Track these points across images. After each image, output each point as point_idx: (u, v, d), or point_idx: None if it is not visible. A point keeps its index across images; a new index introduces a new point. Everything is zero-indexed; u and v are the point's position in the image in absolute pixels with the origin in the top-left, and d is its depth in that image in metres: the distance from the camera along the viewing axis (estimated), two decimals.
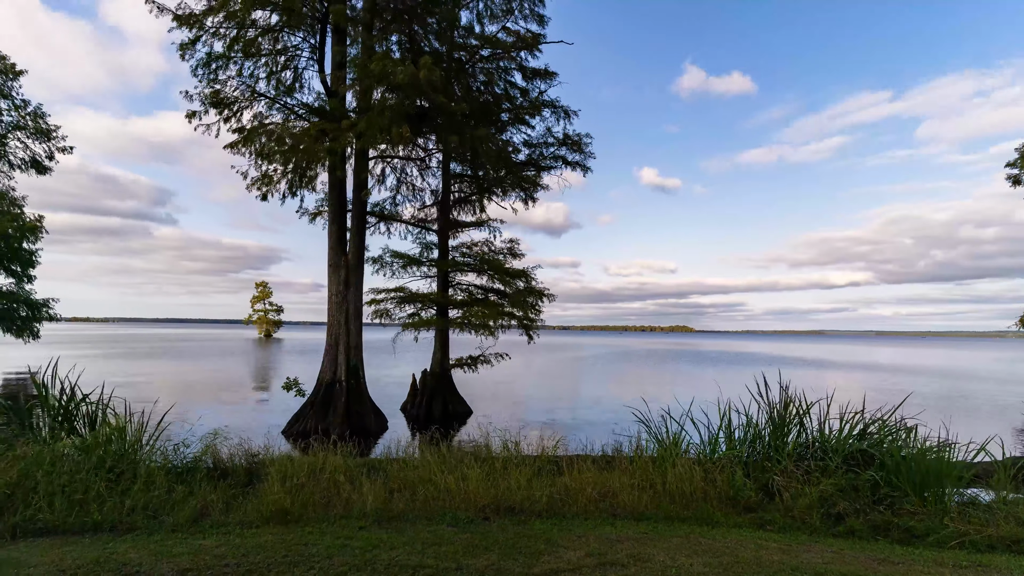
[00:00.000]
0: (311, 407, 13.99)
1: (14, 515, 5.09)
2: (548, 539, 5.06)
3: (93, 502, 5.44)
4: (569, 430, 14.18)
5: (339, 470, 6.76)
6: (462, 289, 18.24)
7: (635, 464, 7.16)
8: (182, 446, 7.16)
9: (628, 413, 9.43)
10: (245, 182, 13.99)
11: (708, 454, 7.57)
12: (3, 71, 33.24)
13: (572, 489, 6.40)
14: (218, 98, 12.92)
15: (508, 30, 14.86)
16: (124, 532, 5.09)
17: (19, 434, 7.17)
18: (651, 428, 8.33)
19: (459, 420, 16.30)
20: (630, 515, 6.02)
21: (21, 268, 34.07)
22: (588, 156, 17.27)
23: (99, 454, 6.21)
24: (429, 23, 12.66)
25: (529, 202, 17.73)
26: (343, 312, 14.24)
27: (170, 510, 5.57)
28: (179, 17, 12.19)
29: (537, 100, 16.04)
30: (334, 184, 14.23)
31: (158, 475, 6.15)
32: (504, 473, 6.73)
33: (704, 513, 6.07)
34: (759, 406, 7.82)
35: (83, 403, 7.81)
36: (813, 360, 53.55)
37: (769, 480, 6.75)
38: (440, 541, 4.92)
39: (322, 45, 13.29)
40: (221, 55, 12.89)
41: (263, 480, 6.47)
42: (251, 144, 12.66)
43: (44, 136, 34.72)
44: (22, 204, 34.72)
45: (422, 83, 10.08)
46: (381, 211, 18.30)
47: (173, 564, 4.18)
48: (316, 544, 4.75)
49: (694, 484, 6.49)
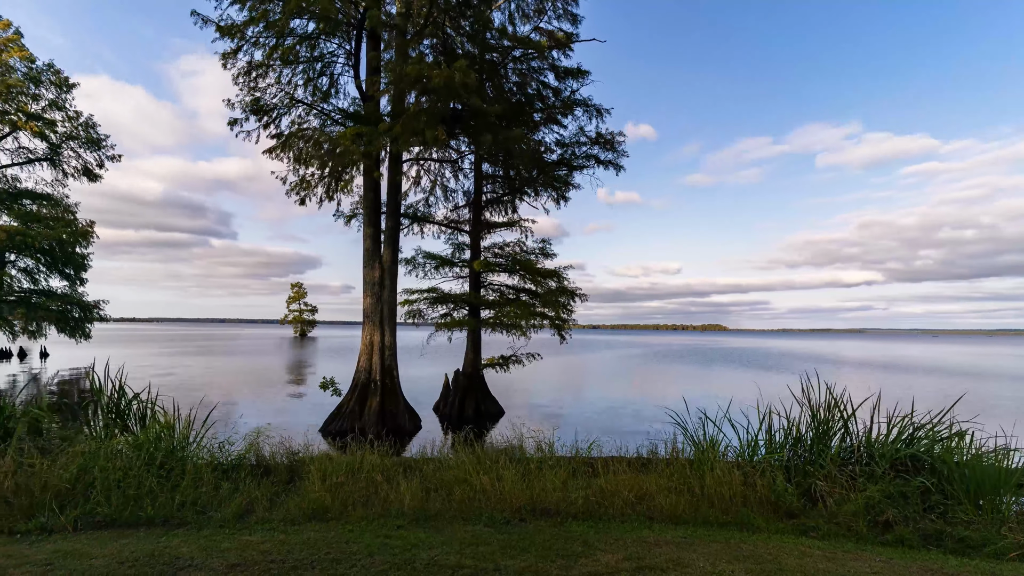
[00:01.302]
0: (347, 406, 14.27)
1: (75, 508, 5.36)
2: (585, 541, 5.04)
3: (146, 497, 5.68)
4: (605, 431, 14.08)
5: (376, 469, 6.88)
6: (494, 289, 18.32)
7: (671, 467, 7.06)
8: (227, 444, 7.41)
9: (670, 413, 9.30)
10: (284, 187, 14.43)
11: (747, 457, 7.41)
12: (57, 84, 34.96)
13: (608, 491, 6.35)
14: (258, 105, 13.36)
15: (540, 30, 14.79)
16: (175, 526, 5.30)
17: (78, 431, 7.54)
18: (687, 430, 8.22)
19: (491, 420, 16.37)
20: (667, 519, 5.95)
21: (74, 271, 35.80)
22: (621, 154, 17.08)
23: (150, 451, 6.48)
24: (462, 26, 12.75)
25: (561, 201, 17.69)
26: (378, 313, 14.48)
27: (217, 506, 5.77)
28: (222, 28, 12.63)
29: (569, 99, 15.94)
30: (369, 187, 14.50)
31: (205, 472, 6.38)
32: (539, 474, 6.73)
33: (744, 518, 5.94)
34: (801, 408, 7.61)
35: (134, 401, 8.15)
36: (855, 359, 51.81)
37: (811, 485, 6.57)
38: (477, 541, 4.96)
39: (357, 51, 13.56)
40: (261, 63, 13.31)
41: (304, 478, 6.64)
42: (289, 149, 13.04)
43: (95, 145, 36.36)
44: (75, 211, 36.42)
45: (456, 86, 10.17)
46: (414, 213, 18.53)
47: (222, 559, 4.34)
48: (357, 542, 4.85)
49: (733, 488, 6.36)
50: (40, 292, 34.88)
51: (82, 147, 35.84)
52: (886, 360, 51.97)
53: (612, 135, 16.87)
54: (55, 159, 35.67)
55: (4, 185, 35.18)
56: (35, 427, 7.09)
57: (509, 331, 16.76)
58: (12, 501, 5.35)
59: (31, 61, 33.79)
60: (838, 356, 58.87)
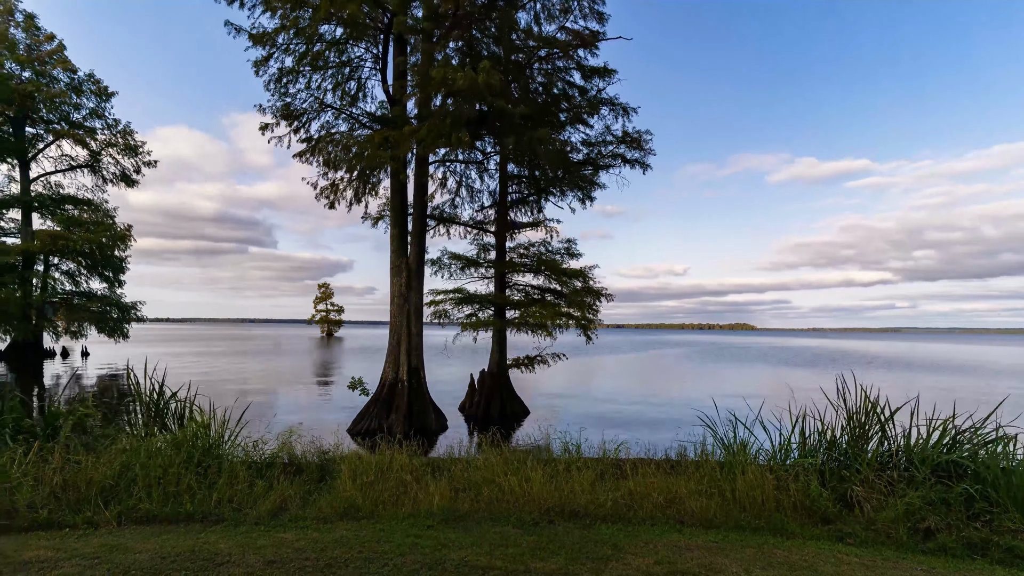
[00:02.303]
0: (374, 406, 14.46)
1: (119, 504, 5.56)
2: (615, 545, 5.01)
3: (185, 494, 5.86)
4: (635, 432, 13.98)
5: (405, 469, 6.96)
6: (519, 290, 18.34)
7: (701, 470, 6.97)
8: (260, 443, 7.59)
9: (699, 415, 9.19)
10: (314, 192, 14.75)
11: (779, 461, 7.27)
12: (97, 93, 36.27)
13: (637, 494, 6.31)
14: (288, 111, 13.70)
15: (567, 29, 14.72)
16: (213, 523, 5.45)
17: (120, 429, 7.82)
18: (716, 432, 8.10)
19: (516, 420, 16.40)
20: (698, 523, 5.87)
21: (113, 274, 37.11)
22: (648, 153, 16.89)
23: (188, 449, 6.67)
24: (487, 27, 12.81)
25: (587, 201, 17.61)
26: (404, 314, 14.63)
27: (252, 503, 5.91)
28: (253, 36, 12.98)
29: (595, 98, 15.82)
30: (396, 190, 14.69)
31: (240, 469, 6.54)
32: (567, 476, 6.72)
33: (777, 523, 5.82)
34: (836, 410, 7.43)
35: (172, 400, 8.40)
36: (902, 359, 50.21)
37: (847, 490, 6.40)
38: (507, 543, 4.98)
39: (384, 55, 13.76)
40: (291, 69, 13.65)
41: (335, 477, 6.76)
42: (318, 153, 13.33)
43: (132, 152, 37.61)
44: (113, 215, 37.72)
45: (481, 88, 10.22)
46: (440, 214, 18.67)
47: (259, 555, 4.44)
48: (388, 541, 4.91)
49: (765, 492, 6.24)
50: (81, 294, 36.32)
51: (120, 154, 37.17)
52: (933, 360, 50.25)
53: (639, 134, 16.68)
54: (95, 165, 37.06)
55: (48, 191, 36.71)
56: (80, 425, 7.37)
57: (534, 331, 16.77)
58: (60, 496, 5.58)
59: (73, 72, 35.17)
60: (888, 356, 57.06)
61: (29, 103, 32.79)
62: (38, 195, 35.35)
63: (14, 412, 7.59)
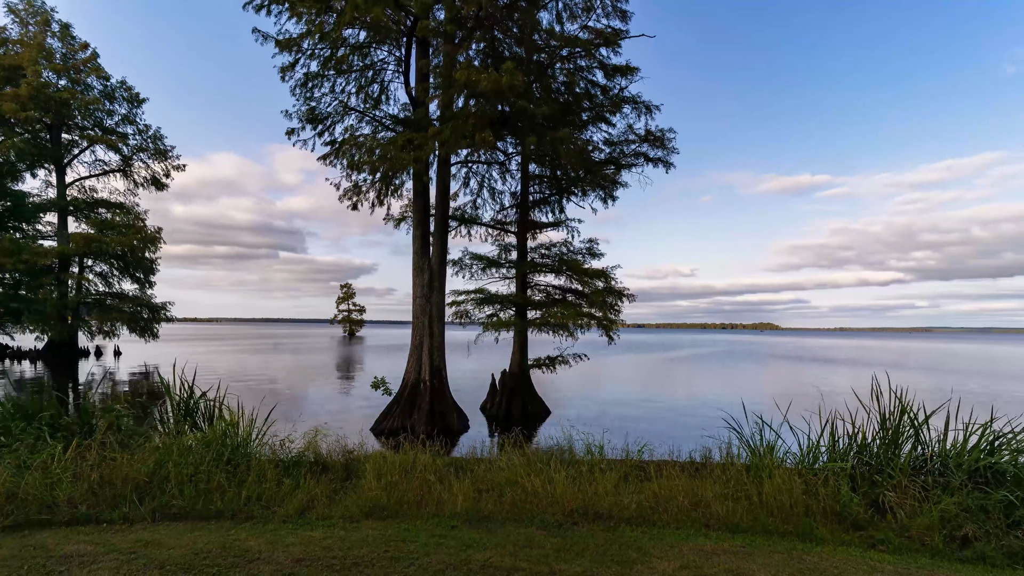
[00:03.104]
0: (397, 405, 14.60)
1: (153, 500, 5.72)
2: (639, 548, 4.98)
3: (215, 491, 5.99)
4: (658, 434, 13.86)
5: (429, 469, 7.00)
6: (540, 290, 18.34)
7: (727, 472, 6.87)
8: (287, 441, 7.72)
9: (724, 417, 9.07)
10: (338, 194, 14.98)
11: (808, 464, 7.12)
12: (129, 99, 37.33)
13: (661, 496, 6.24)
14: (313, 114, 13.99)
15: (589, 28, 14.62)
16: (242, 520, 5.56)
17: (153, 427, 8.04)
18: (742, 434, 7.98)
19: (538, 420, 16.38)
20: (724, 526, 5.79)
21: (143, 275, 38.15)
22: (671, 151, 16.71)
23: (217, 447, 6.82)
24: (509, 28, 12.83)
25: (609, 201, 17.51)
26: (427, 314, 14.74)
27: (280, 501, 6.02)
28: (280, 43, 13.26)
29: (618, 97, 15.69)
30: (418, 191, 14.82)
31: (268, 468, 6.66)
32: (590, 477, 6.69)
33: (806, 528, 5.71)
34: (868, 413, 7.25)
35: (202, 400, 8.60)
36: (945, 362, 48.79)
37: (879, 495, 6.24)
38: (531, 544, 4.98)
39: (407, 58, 13.90)
40: (316, 74, 13.93)
41: (360, 476, 6.84)
42: (342, 156, 13.55)
43: (162, 156, 38.63)
44: (144, 218, 38.76)
45: (505, 89, 10.25)
46: (462, 215, 18.76)
47: (288, 553, 4.52)
48: (413, 541, 4.95)
49: (794, 496, 6.12)
50: (113, 295, 37.40)
51: (151, 158, 38.19)
52: (940, 361, 48.70)
53: (662, 132, 16.50)
54: (127, 170, 38.14)
55: (82, 195, 37.91)
56: (115, 423, 7.59)
57: (556, 332, 16.73)
58: (98, 492, 5.75)
59: (106, 79, 36.26)
60: (935, 358, 55.50)
61: (65, 110, 33.94)
62: (73, 199, 36.55)
63: (52, 409, 7.85)
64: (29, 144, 33.39)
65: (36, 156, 34.44)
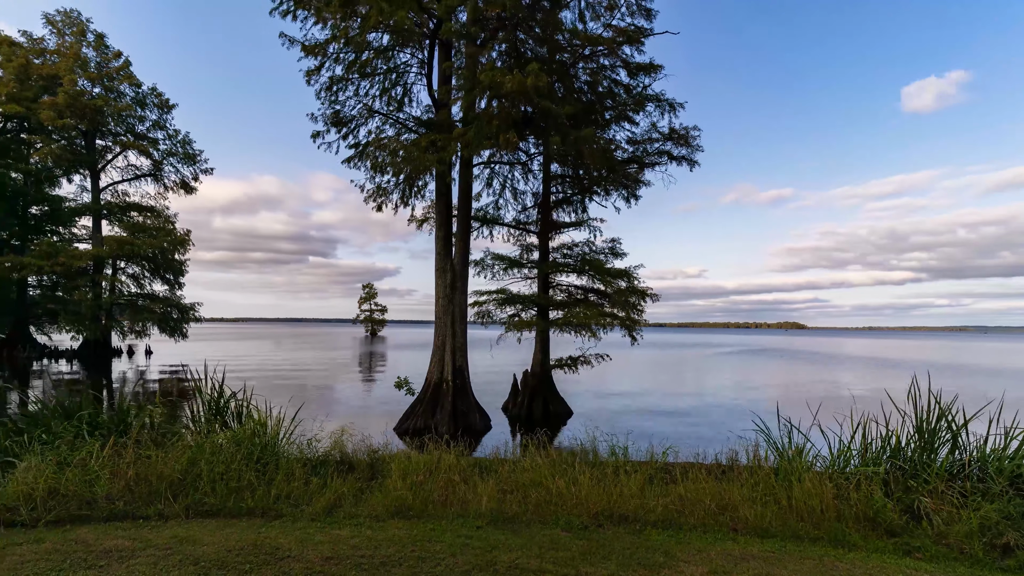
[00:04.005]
0: (420, 405, 14.71)
1: (186, 497, 5.87)
2: (666, 551, 4.93)
3: (246, 490, 6.12)
4: (682, 437, 13.72)
5: (453, 469, 7.04)
6: (562, 290, 18.31)
7: (754, 475, 6.75)
8: (314, 441, 7.84)
9: (752, 418, 8.93)
10: (363, 196, 15.19)
11: (839, 468, 6.96)
12: (159, 105, 38.36)
13: (688, 499, 6.17)
14: (338, 117, 14.25)
15: (612, 27, 14.49)
16: (272, 518, 5.67)
17: (184, 426, 8.25)
18: (770, 436, 7.85)
19: (560, 421, 16.35)
20: (753, 531, 5.70)
21: (173, 276, 39.15)
22: (695, 149, 16.49)
23: (247, 446, 6.96)
24: (532, 28, 12.82)
25: (632, 200, 17.39)
26: (449, 315, 14.83)
27: (308, 500, 6.12)
28: (306, 47, 13.51)
29: (641, 95, 15.55)
30: (441, 192, 14.93)
31: (296, 467, 6.78)
32: (615, 479, 6.65)
33: (838, 534, 5.58)
34: (902, 416, 7.06)
35: (231, 399, 8.78)
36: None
37: (914, 501, 6.07)
38: (556, 546, 4.97)
39: (430, 60, 14.03)
40: (341, 77, 14.16)
41: (385, 476, 6.91)
42: (366, 158, 13.76)
43: (191, 160, 39.60)
44: (174, 221, 39.78)
45: (529, 90, 10.25)
46: (484, 215, 18.83)
47: (317, 551, 4.60)
48: (439, 541, 4.99)
49: (824, 501, 5.99)
50: (145, 296, 38.48)
51: (180, 162, 39.21)
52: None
53: (686, 130, 16.30)
54: (157, 174, 39.20)
55: (115, 199, 39.09)
56: (150, 422, 7.81)
57: (578, 331, 16.67)
58: (134, 489, 5.92)
59: (137, 86, 37.32)
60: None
61: (99, 117, 35.04)
62: (107, 203, 37.72)
63: (89, 408, 8.11)
64: (65, 150, 34.58)
65: (72, 162, 35.66)
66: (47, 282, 37.94)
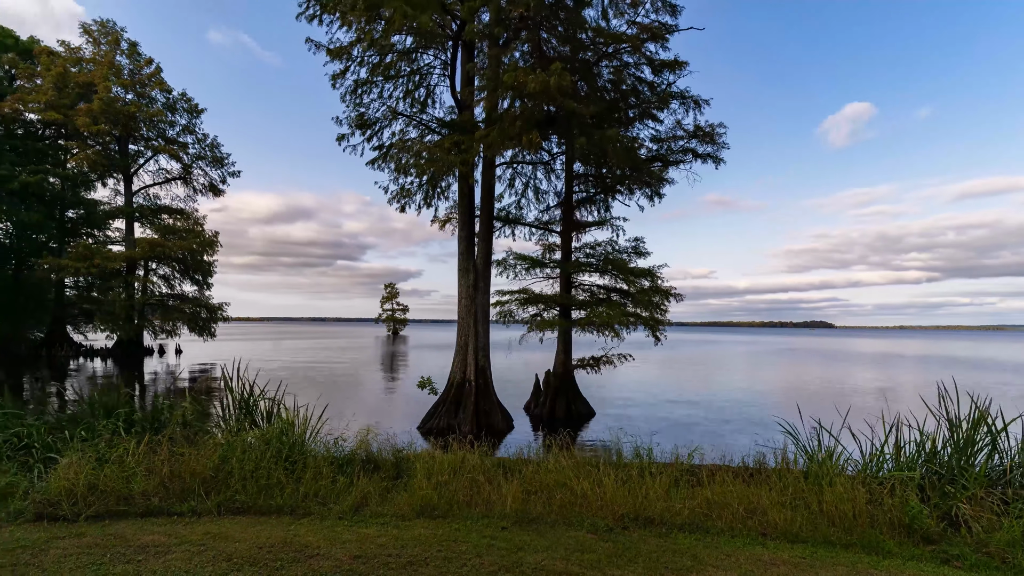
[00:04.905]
0: (443, 404, 14.80)
1: (218, 495, 6.00)
2: (694, 555, 4.87)
3: (275, 487, 6.24)
4: (709, 438, 13.55)
5: (477, 469, 7.07)
6: (584, 289, 18.22)
7: (783, 479, 6.63)
8: (340, 440, 7.95)
9: (779, 421, 8.78)
10: (386, 196, 15.39)
11: (872, 472, 6.79)
12: (189, 111, 39.34)
13: (715, 503, 6.09)
14: (362, 120, 14.49)
15: (636, 24, 14.34)
16: (300, 516, 5.76)
17: (215, 424, 8.45)
18: (798, 439, 7.71)
19: (582, 421, 16.28)
20: (782, 536, 5.59)
21: (202, 277, 40.08)
22: (721, 147, 16.25)
23: (276, 445, 7.09)
24: (555, 27, 12.80)
25: (655, 198, 17.23)
26: (472, 315, 14.89)
27: (335, 498, 6.21)
28: (331, 51, 13.75)
29: (665, 93, 15.37)
30: (464, 193, 15.02)
31: (323, 465, 6.88)
32: (640, 481, 6.59)
33: (871, 540, 5.45)
34: (937, 420, 6.86)
35: (261, 399, 8.96)
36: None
37: (952, 507, 5.89)
38: (582, 548, 4.95)
39: (453, 61, 14.14)
40: (365, 80, 14.43)
41: (410, 475, 6.96)
42: (390, 160, 13.95)
43: (219, 164, 40.51)
44: (203, 223, 40.73)
45: (553, 90, 10.22)
46: (506, 215, 18.86)
47: (345, 550, 4.66)
48: (464, 541, 5.01)
49: (857, 506, 5.85)
50: (175, 296, 39.49)
51: (209, 166, 40.16)
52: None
53: (712, 127, 16.06)
54: (187, 177, 40.22)
55: (147, 202, 40.21)
56: (183, 420, 8.02)
57: (600, 331, 16.56)
58: (168, 485, 6.09)
59: (168, 92, 38.33)
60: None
61: (132, 123, 36.11)
62: (139, 206, 38.84)
63: (125, 406, 8.36)
64: (100, 155, 35.71)
65: (106, 166, 36.80)
66: (83, 283, 39.26)
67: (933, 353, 61.48)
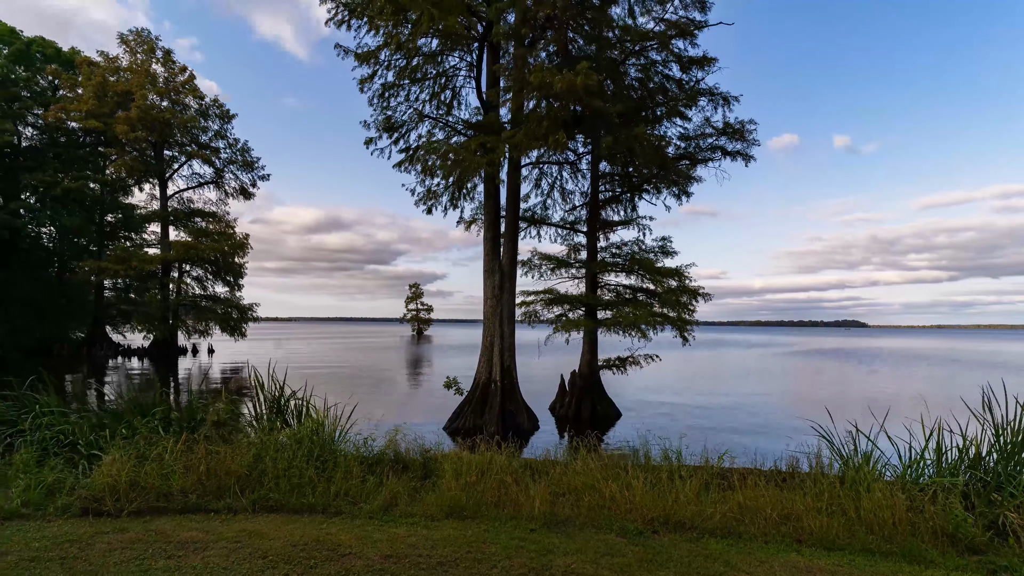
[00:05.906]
0: (469, 405, 14.88)
1: (252, 493, 6.14)
2: (727, 561, 4.79)
3: (307, 486, 6.34)
4: (736, 439, 13.31)
5: (505, 470, 7.06)
6: (610, 289, 18.10)
7: (818, 484, 6.46)
8: (369, 439, 8.04)
9: (812, 424, 8.57)
10: (413, 198, 15.56)
11: (912, 478, 6.57)
12: (221, 116, 40.38)
13: (747, 507, 5.97)
14: (389, 123, 14.74)
15: (664, 20, 14.10)
16: (332, 515, 5.85)
17: (248, 423, 8.65)
18: (833, 443, 7.49)
19: (608, 422, 16.17)
20: (818, 543, 5.45)
21: (233, 278, 41.07)
22: (751, 144, 15.90)
23: (307, 444, 7.21)
24: (581, 26, 12.74)
25: (683, 197, 17.00)
26: (497, 315, 14.92)
27: (365, 498, 6.28)
28: (359, 55, 14.02)
29: (693, 90, 15.13)
30: (490, 193, 15.08)
31: (353, 465, 6.97)
32: (670, 484, 6.51)
33: (913, 549, 5.26)
34: (981, 424, 6.60)
35: (291, 398, 9.12)
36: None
37: (999, 516, 5.65)
38: (612, 552, 4.91)
39: (479, 63, 14.23)
40: (392, 84, 14.67)
41: (438, 476, 7.01)
42: (416, 162, 14.11)
43: (249, 168, 41.47)
44: (234, 225, 41.73)
45: (579, 89, 10.18)
46: (531, 216, 18.84)
47: (376, 549, 4.72)
48: (494, 542, 5.02)
49: (897, 513, 5.66)
50: (207, 297, 40.58)
51: (239, 170, 41.16)
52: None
53: (742, 124, 15.72)
54: (219, 181, 41.29)
55: (181, 206, 41.40)
56: (218, 419, 8.22)
57: (627, 332, 16.41)
58: (205, 483, 6.25)
59: (201, 98, 39.41)
60: None
61: (167, 130, 37.24)
62: (173, 210, 40.02)
63: (164, 405, 8.61)
64: (137, 161, 36.92)
65: (143, 172, 38.02)
66: (121, 285, 40.64)
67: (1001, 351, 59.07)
